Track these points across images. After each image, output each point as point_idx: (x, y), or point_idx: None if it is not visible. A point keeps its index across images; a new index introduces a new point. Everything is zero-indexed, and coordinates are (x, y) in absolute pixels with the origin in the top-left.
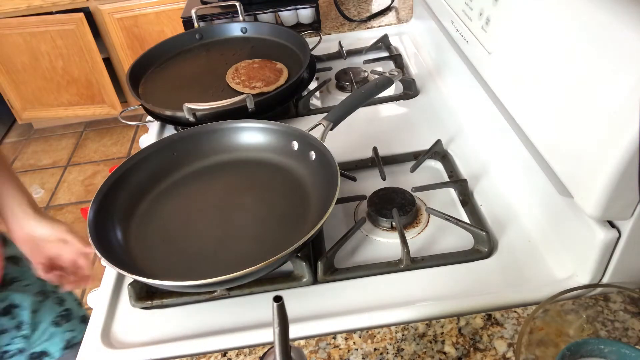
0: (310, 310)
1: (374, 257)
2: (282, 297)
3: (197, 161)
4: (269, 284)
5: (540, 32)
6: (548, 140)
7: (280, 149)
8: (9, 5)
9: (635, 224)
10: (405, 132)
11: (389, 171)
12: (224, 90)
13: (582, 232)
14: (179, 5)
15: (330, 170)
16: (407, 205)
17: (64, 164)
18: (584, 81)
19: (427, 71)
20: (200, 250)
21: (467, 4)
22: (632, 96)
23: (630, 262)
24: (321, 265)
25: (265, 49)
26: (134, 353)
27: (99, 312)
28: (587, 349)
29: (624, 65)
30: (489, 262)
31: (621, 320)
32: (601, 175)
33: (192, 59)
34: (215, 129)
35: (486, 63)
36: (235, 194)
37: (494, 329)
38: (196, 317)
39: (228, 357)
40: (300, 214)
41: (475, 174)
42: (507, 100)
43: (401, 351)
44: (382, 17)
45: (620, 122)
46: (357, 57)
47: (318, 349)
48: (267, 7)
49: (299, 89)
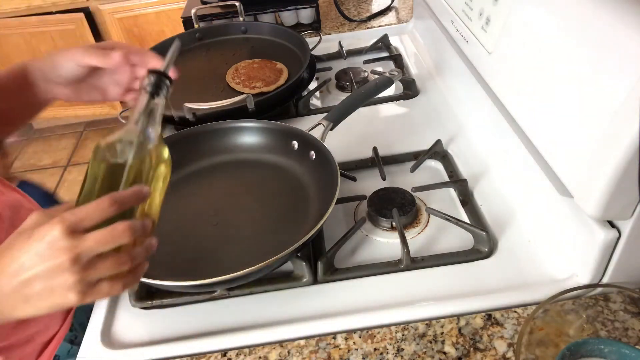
0: (310, 310)
1: (374, 257)
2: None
3: (197, 161)
4: (269, 284)
5: (541, 32)
6: (548, 140)
7: (280, 149)
8: (9, 5)
9: (635, 224)
10: (405, 132)
11: (389, 171)
12: (224, 90)
13: (582, 232)
14: (179, 5)
15: (330, 170)
16: (407, 205)
17: (64, 164)
18: (584, 81)
19: (427, 71)
20: (200, 250)
21: (467, 4)
22: (632, 96)
23: (630, 262)
24: (321, 265)
25: (265, 49)
26: (134, 353)
27: (99, 312)
28: (587, 349)
29: (624, 65)
30: (489, 262)
31: (621, 320)
32: (601, 175)
33: (192, 59)
34: (215, 129)
35: (486, 63)
36: (235, 194)
37: (494, 329)
38: (196, 317)
39: (228, 357)
40: (300, 214)
41: (475, 174)
42: (507, 100)
43: (401, 351)
44: (382, 17)
45: (620, 122)
46: (357, 57)
47: (318, 349)
48: (267, 7)
49: (299, 89)
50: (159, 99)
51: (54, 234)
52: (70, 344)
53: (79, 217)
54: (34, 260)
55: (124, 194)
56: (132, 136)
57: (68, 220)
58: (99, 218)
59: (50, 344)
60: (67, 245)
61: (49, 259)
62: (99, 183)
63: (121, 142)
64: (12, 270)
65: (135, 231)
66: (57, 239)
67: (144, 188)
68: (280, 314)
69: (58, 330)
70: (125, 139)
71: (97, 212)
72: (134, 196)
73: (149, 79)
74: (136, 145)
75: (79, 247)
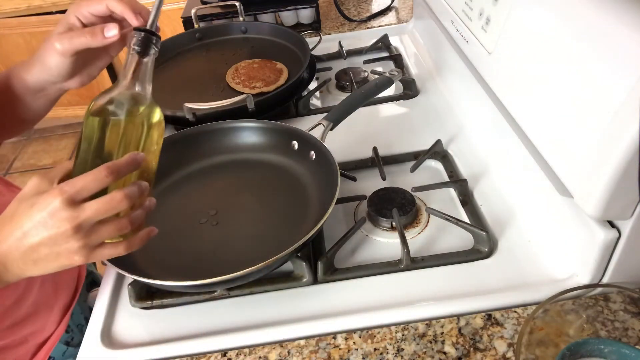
0: (310, 310)
1: (374, 257)
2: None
3: (197, 161)
4: (269, 284)
5: (540, 32)
6: (548, 140)
7: (280, 149)
8: (9, 5)
9: (635, 224)
10: (405, 132)
11: (389, 171)
12: (224, 90)
13: (582, 232)
14: (179, 5)
15: (330, 170)
16: (407, 205)
17: None
18: (584, 81)
19: (427, 71)
20: (200, 250)
21: (467, 4)
22: (632, 96)
23: (630, 262)
24: (321, 265)
25: (265, 49)
26: (134, 353)
27: (99, 312)
28: (587, 349)
29: (624, 65)
30: (489, 262)
31: (621, 320)
32: (601, 175)
33: (192, 59)
34: (215, 129)
35: (486, 63)
36: (235, 194)
37: (494, 329)
38: (196, 317)
39: (228, 357)
40: (300, 214)
41: (475, 174)
42: (507, 100)
43: (401, 351)
44: (382, 17)
45: (620, 122)
46: (357, 57)
47: (318, 349)
48: (267, 7)
49: (299, 89)
50: (148, 58)
51: (55, 205)
52: (66, 345)
53: (77, 189)
54: (39, 229)
55: (119, 163)
56: (124, 96)
57: (67, 192)
58: (96, 188)
59: (45, 345)
60: (68, 216)
61: (52, 228)
62: (93, 145)
63: (113, 104)
64: (18, 236)
65: (132, 198)
66: (58, 209)
67: (138, 155)
68: (280, 314)
69: (54, 332)
70: (117, 99)
71: (94, 183)
72: (130, 164)
73: (136, 38)
74: (128, 105)
75: (80, 217)
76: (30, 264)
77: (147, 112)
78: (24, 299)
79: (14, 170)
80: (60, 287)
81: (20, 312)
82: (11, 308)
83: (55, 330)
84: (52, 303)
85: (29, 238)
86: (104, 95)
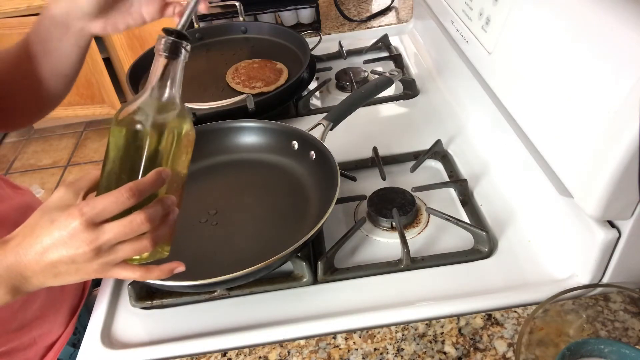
0: (310, 310)
1: (374, 257)
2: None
3: (197, 161)
4: (269, 284)
5: (540, 32)
6: (548, 140)
7: (280, 149)
8: (9, 5)
9: (635, 224)
10: (405, 132)
11: (389, 171)
12: (224, 90)
13: (582, 232)
14: None
15: (330, 170)
16: (407, 205)
17: (64, 164)
18: (584, 81)
19: (427, 71)
20: (200, 250)
21: (467, 4)
22: (632, 96)
23: (630, 262)
24: (321, 265)
25: (265, 49)
26: (134, 353)
27: (99, 312)
28: (587, 349)
29: (624, 65)
30: (489, 262)
31: (621, 320)
32: (601, 175)
33: (192, 59)
34: (215, 129)
35: (486, 63)
36: (235, 194)
37: (494, 329)
38: (196, 317)
39: (228, 357)
40: (300, 214)
41: (475, 174)
42: (507, 100)
43: (401, 351)
44: (382, 17)
45: (620, 122)
46: (357, 57)
47: (318, 349)
48: (267, 7)
49: (299, 89)
50: (177, 62)
51: (74, 226)
52: (73, 347)
53: (97, 211)
54: (58, 248)
55: (143, 183)
56: (151, 105)
57: (86, 214)
58: (117, 210)
59: (53, 347)
60: (87, 238)
61: (70, 249)
62: (119, 158)
63: (139, 113)
64: (38, 250)
65: (154, 220)
66: (77, 231)
67: (163, 172)
68: (280, 314)
69: (61, 334)
70: (143, 108)
71: (115, 205)
72: (154, 183)
73: (164, 41)
74: (155, 115)
75: (99, 240)
76: (50, 277)
77: (176, 122)
78: (31, 302)
79: (14, 170)
80: (67, 289)
81: (27, 314)
82: (19, 310)
83: (63, 333)
84: (59, 305)
85: (48, 254)
86: (130, 104)
